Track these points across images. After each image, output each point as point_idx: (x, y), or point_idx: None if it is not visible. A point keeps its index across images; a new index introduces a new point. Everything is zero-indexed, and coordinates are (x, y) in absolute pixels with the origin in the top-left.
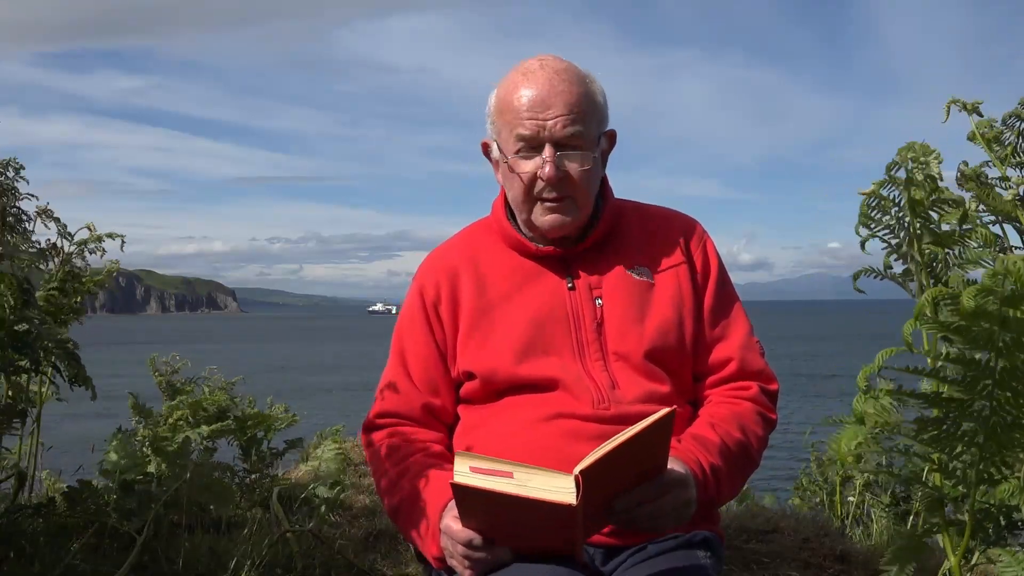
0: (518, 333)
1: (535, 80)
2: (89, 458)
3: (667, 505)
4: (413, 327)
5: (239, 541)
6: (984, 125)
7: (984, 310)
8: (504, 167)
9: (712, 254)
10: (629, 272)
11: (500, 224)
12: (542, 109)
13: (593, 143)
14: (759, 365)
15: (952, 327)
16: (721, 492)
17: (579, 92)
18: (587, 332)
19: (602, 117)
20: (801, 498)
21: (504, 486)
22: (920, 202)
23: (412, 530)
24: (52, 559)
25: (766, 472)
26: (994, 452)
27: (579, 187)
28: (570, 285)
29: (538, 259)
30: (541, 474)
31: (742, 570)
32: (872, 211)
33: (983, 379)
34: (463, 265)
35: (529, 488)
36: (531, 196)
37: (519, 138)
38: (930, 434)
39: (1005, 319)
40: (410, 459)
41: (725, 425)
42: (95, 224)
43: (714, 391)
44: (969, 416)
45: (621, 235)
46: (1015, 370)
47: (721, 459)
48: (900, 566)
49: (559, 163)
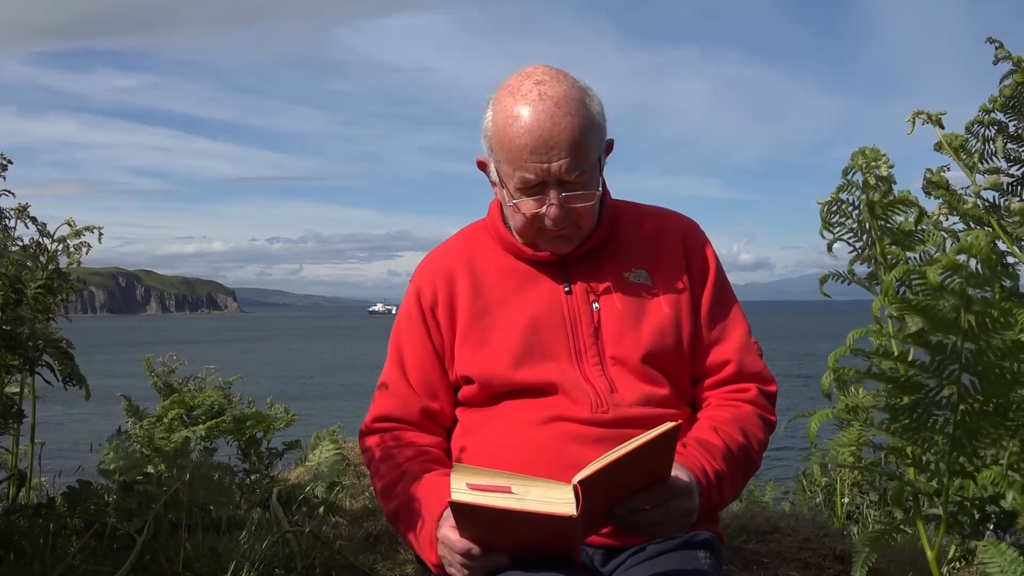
0: (515, 337)
1: (535, 116)
2: (89, 458)
3: (669, 513)
4: (410, 330)
5: (239, 541)
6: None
7: (949, 288)
8: (504, 195)
9: (710, 255)
10: (626, 276)
11: (496, 228)
12: (545, 151)
13: (596, 173)
14: (758, 367)
15: (917, 306)
16: (724, 496)
17: (581, 126)
18: (584, 336)
19: (602, 137)
20: (792, 503)
21: (503, 501)
22: (878, 203)
23: (411, 536)
24: (52, 559)
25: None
26: (964, 443)
27: (584, 218)
28: (567, 289)
29: (535, 263)
30: (539, 485)
31: (742, 570)
32: (832, 216)
33: (949, 363)
34: (460, 268)
35: (528, 501)
36: (535, 229)
37: (523, 180)
38: (902, 423)
39: (970, 299)
40: (407, 464)
41: (728, 428)
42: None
43: (713, 393)
44: (937, 404)
45: (618, 238)
46: (981, 353)
47: (725, 464)
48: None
49: (564, 203)
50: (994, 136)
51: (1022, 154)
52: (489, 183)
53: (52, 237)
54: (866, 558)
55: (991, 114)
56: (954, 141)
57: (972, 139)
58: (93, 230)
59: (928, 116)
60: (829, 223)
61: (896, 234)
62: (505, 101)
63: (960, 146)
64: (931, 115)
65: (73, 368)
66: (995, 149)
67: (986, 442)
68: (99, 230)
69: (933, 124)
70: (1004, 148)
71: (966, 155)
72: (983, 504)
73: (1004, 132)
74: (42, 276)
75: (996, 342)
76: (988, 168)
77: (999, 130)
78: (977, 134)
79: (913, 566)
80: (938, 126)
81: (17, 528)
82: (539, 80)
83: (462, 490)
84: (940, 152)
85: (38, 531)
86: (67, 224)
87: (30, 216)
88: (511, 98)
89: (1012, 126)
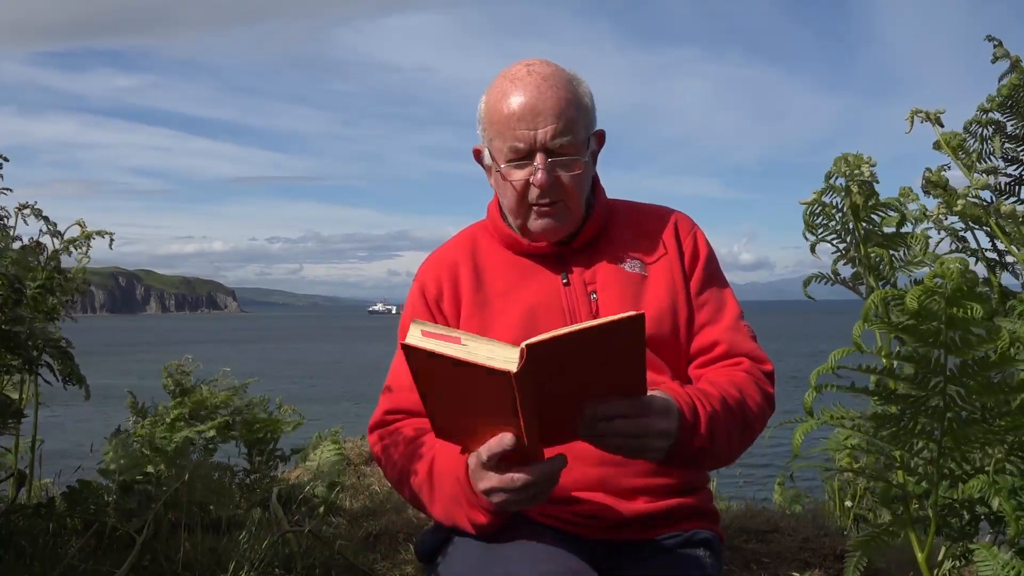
0: (515, 326)
1: (523, 88)
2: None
3: (641, 427)
4: None
5: (239, 541)
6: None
7: (929, 310)
8: (497, 175)
9: (701, 243)
10: (622, 266)
11: (495, 224)
12: (532, 118)
13: (583, 147)
14: (749, 346)
15: (901, 326)
16: (716, 444)
17: (567, 98)
18: None
19: (590, 120)
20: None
21: (450, 349)
22: (861, 206)
23: (439, 508)
24: (52, 559)
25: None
26: (952, 448)
27: (571, 192)
28: (565, 281)
29: (533, 257)
30: (489, 344)
31: (742, 570)
32: (816, 218)
33: (934, 376)
34: (463, 262)
35: (473, 354)
36: (524, 202)
37: (511, 149)
38: (889, 431)
39: (951, 318)
40: (418, 447)
41: (722, 384)
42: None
43: (705, 370)
44: (924, 413)
45: (613, 232)
46: (965, 367)
47: (719, 407)
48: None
49: (551, 170)
50: (992, 135)
51: (1020, 153)
52: (485, 174)
53: (62, 237)
54: (857, 562)
55: (989, 114)
56: (952, 140)
57: (970, 138)
58: (104, 235)
59: (926, 115)
60: (812, 225)
61: (879, 236)
62: (496, 82)
63: (958, 145)
64: (929, 113)
65: (73, 368)
66: (993, 148)
67: (974, 446)
68: (110, 235)
69: (932, 123)
70: (1002, 147)
71: (964, 154)
72: (972, 506)
73: (1002, 131)
74: (42, 275)
75: (979, 355)
76: (986, 168)
77: (996, 129)
78: (975, 133)
79: (913, 566)
80: (937, 124)
81: (17, 528)
82: (529, 63)
83: (416, 336)
84: (939, 151)
85: (38, 531)
86: (78, 224)
87: (42, 215)
88: (501, 79)
89: (1010, 125)
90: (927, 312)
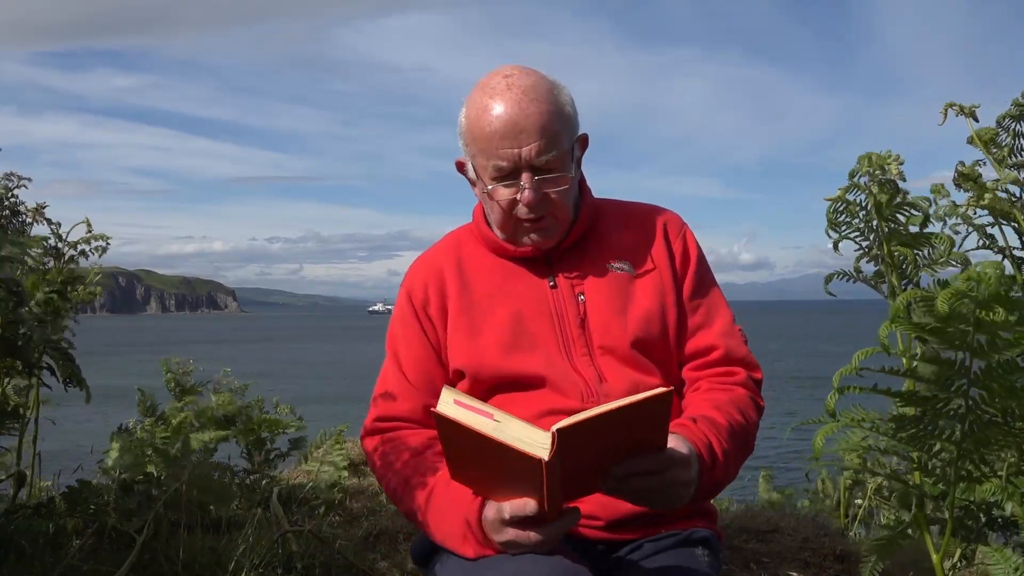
0: (503, 329)
1: (503, 102)
2: (89, 458)
3: (665, 481)
4: (406, 330)
5: (239, 541)
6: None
7: (959, 312)
8: (483, 193)
9: (691, 244)
10: (609, 267)
11: (480, 229)
12: (515, 135)
13: (568, 159)
14: (743, 352)
15: (928, 328)
16: (729, 475)
17: (549, 111)
18: (571, 328)
19: (573, 128)
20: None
21: (482, 426)
22: (885, 205)
23: (441, 533)
24: (52, 559)
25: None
26: (972, 450)
27: (559, 205)
28: (552, 283)
29: (519, 260)
30: (521, 424)
31: (742, 570)
32: (839, 215)
33: (958, 379)
34: (448, 265)
35: (505, 434)
36: (512, 218)
37: (495, 167)
38: (908, 432)
39: (980, 322)
40: (416, 461)
41: (729, 409)
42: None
43: (701, 375)
44: (945, 415)
45: (600, 233)
46: (991, 370)
47: (730, 442)
48: (873, 564)
49: (537, 188)
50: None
51: None
52: (469, 185)
53: (65, 240)
54: (873, 566)
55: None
56: (985, 135)
57: (1003, 133)
58: (101, 239)
59: (960, 108)
60: (835, 222)
61: (904, 235)
62: (475, 96)
63: (991, 139)
64: (964, 107)
65: (74, 369)
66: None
67: (994, 449)
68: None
69: (966, 116)
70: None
71: (996, 148)
72: (988, 508)
73: None
74: (57, 279)
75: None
76: (1016, 162)
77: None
78: (1008, 128)
79: (915, 567)
80: (971, 118)
81: (17, 528)
82: (507, 74)
83: (448, 403)
84: (972, 145)
85: (38, 531)
86: (84, 224)
87: (45, 217)
88: (480, 92)
89: None
90: (957, 315)
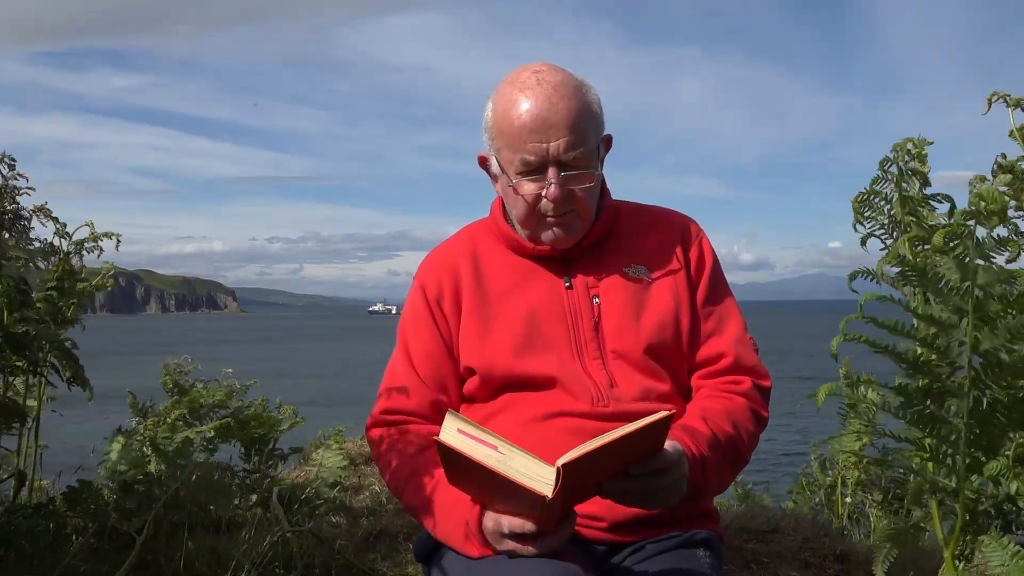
0: (516, 328)
1: (533, 97)
2: (89, 458)
3: (658, 484)
4: (418, 325)
5: (239, 541)
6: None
7: (954, 251)
8: (507, 187)
9: (707, 251)
10: (626, 271)
11: (499, 225)
12: (543, 130)
13: (594, 158)
14: (753, 361)
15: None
16: (708, 482)
17: (578, 108)
18: (585, 331)
19: (599, 127)
20: (796, 501)
21: (485, 458)
22: (911, 198)
23: (443, 532)
24: (52, 559)
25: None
26: (979, 433)
27: (583, 203)
28: (567, 284)
29: (536, 258)
30: (525, 457)
31: (742, 570)
32: (864, 208)
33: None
34: (463, 261)
35: (508, 467)
36: (535, 214)
37: (522, 161)
38: (916, 409)
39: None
40: (423, 455)
41: (716, 419)
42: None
43: (707, 382)
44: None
45: (618, 235)
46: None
47: (709, 450)
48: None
49: (563, 184)
50: None
51: None
52: (491, 181)
53: (70, 238)
54: (887, 554)
55: None
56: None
57: None
58: (111, 236)
59: (1006, 98)
60: (862, 216)
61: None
62: (504, 90)
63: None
64: (1010, 98)
65: (78, 370)
66: None
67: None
68: (117, 237)
69: (1011, 107)
70: None
71: None
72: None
73: None
74: (53, 278)
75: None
76: None
77: None
78: None
79: (914, 565)
80: (1018, 109)
81: (17, 528)
82: (537, 70)
83: (451, 432)
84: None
85: (38, 531)
86: (87, 226)
87: (51, 216)
88: (510, 87)
89: None
90: (950, 252)
